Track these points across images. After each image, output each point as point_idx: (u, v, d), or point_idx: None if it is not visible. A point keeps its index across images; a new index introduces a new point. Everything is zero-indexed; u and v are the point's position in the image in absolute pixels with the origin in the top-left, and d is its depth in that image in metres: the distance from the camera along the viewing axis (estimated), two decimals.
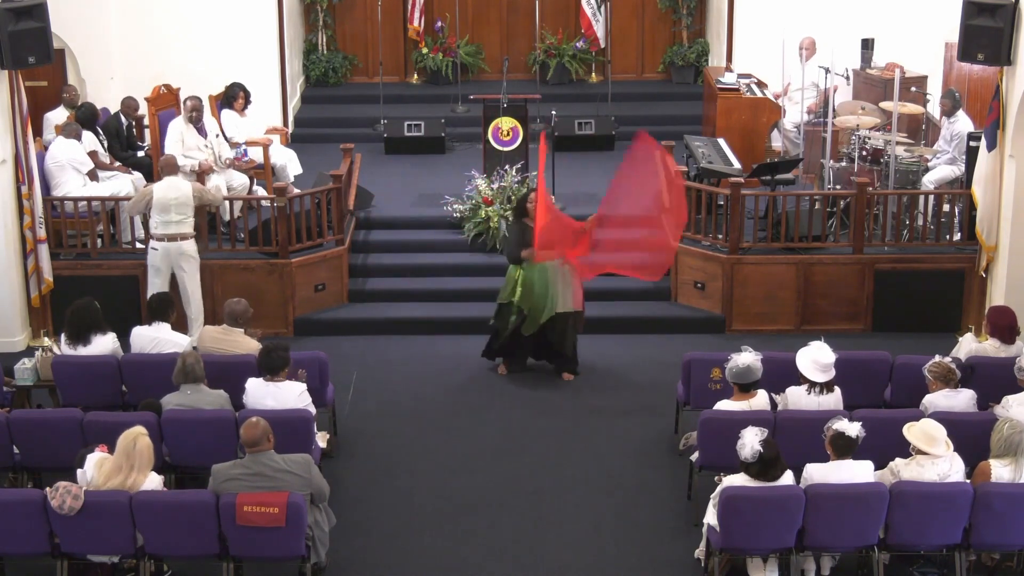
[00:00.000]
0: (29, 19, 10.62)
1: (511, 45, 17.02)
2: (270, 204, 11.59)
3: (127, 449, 7.33)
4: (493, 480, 9.08)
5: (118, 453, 7.36)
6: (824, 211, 11.76)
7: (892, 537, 7.51)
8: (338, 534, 8.03)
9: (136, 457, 7.32)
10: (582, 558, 8.12)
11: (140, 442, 7.34)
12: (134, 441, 7.33)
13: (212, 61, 14.60)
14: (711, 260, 11.61)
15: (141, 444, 7.34)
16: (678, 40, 16.92)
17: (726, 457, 7.72)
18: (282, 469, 7.38)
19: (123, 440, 7.34)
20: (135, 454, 7.32)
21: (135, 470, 7.33)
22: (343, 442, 9.62)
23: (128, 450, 7.33)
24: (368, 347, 11.38)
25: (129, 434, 7.35)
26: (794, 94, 13.62)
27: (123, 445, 7.34)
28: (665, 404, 9.97)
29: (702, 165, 12.29)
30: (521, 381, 10.62)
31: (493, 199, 12.33)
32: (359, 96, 16.37)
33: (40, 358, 9.44)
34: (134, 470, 7.33)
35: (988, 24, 10.54)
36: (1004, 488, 7.43)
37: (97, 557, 7.53)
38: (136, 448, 7.32)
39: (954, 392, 8.40)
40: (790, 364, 8.62)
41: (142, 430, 7.40)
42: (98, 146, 12.34)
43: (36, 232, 11.10)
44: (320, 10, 16.59)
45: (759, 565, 7.72)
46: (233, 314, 9.36)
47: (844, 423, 7.46)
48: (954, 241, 11.70)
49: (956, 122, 12.37)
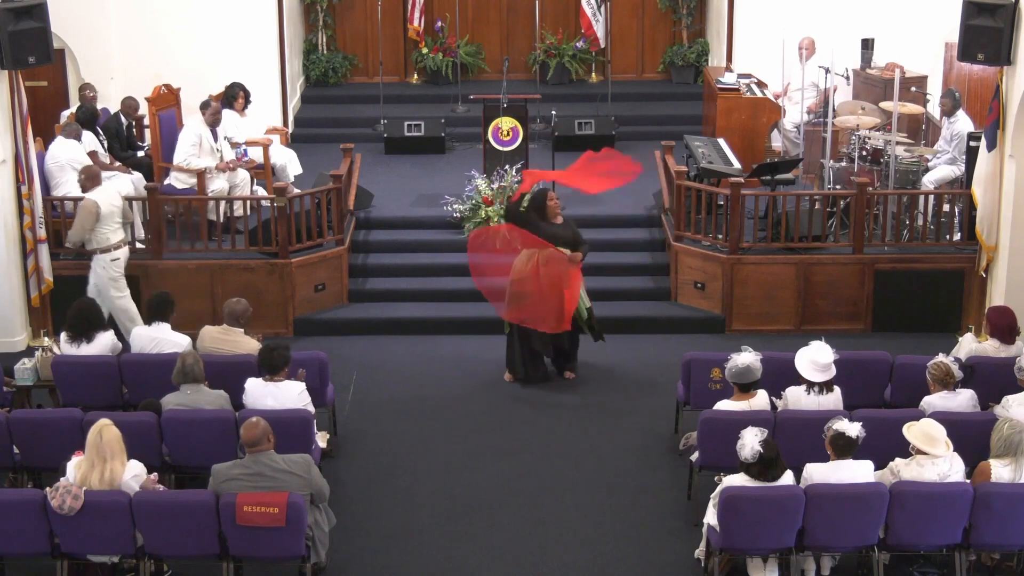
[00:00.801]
0: (29, 19, 10.62)
1: (511, 45, 17.02)
2: (270, 204, 11.60)
3: (94, 443, 7.35)
4: (493, 480, 9.09)
5: (88, 449, 7.38)
6: (824, 211, 11.76)
7: (892, 537, 7.51)
8: (338, 534, 8.03)
9: (105, 448, 7.34)
10: (582, 558, 8.12)
11: (106, 433, 7.35)
12: (99, 433, 7.35)
13: (212, 61, 14.60)
14: (711, 260, 11.62)
15: (108, 435, 7.35)
16: (678, 40, 16.92)
17: (726, 457, 7.72)
18: (282, 469, 7.38)
19: (90, 435, 7.37)
20: (103, 446, 7.34)
21: (107, 460, 7.34)
22: (343, 442, 9.62)
23: (96, 444, 7.35)
24: (368, 347, 11.38)
25: (95, 428, 7.38)
26: (794, 94, 13.61)
27: (91, 440, 7.37)
28: (665, 404, 9.98)
29: (702, 165, 12.29)
30: (521, 381, 10.62)
31: (493, 199, 12.33)
32: (359, 96, 16.38)
33: (40, 358, 9.44)
34: (106, 461, 7.34)
35: (988, 24, 10.54)
36: (1004, 488, 7.43)
37: (97, 557, 7.53)
38: (103, 440, 7.34)
39: (952, 394, 8.39)
40: (790, 364, 8.61)
41: (106, 421, 7.43)
42: (98, 146, 12.35)
43: (36, 232, 11.10)
44: (320, 10, 16.59)
45: (759, 565, 7.72)
46: (233, 314, 9.36)
47: (844, 423, 7.46)
48: (954, 241, 11.70)
49: (956, 122, 12.37)
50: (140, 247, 11.70)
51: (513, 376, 10.64)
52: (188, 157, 12.09)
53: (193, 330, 9.52)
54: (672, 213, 12.15)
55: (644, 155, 14.19)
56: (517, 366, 10.58)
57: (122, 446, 7.43)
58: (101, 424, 7.40)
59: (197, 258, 11.60)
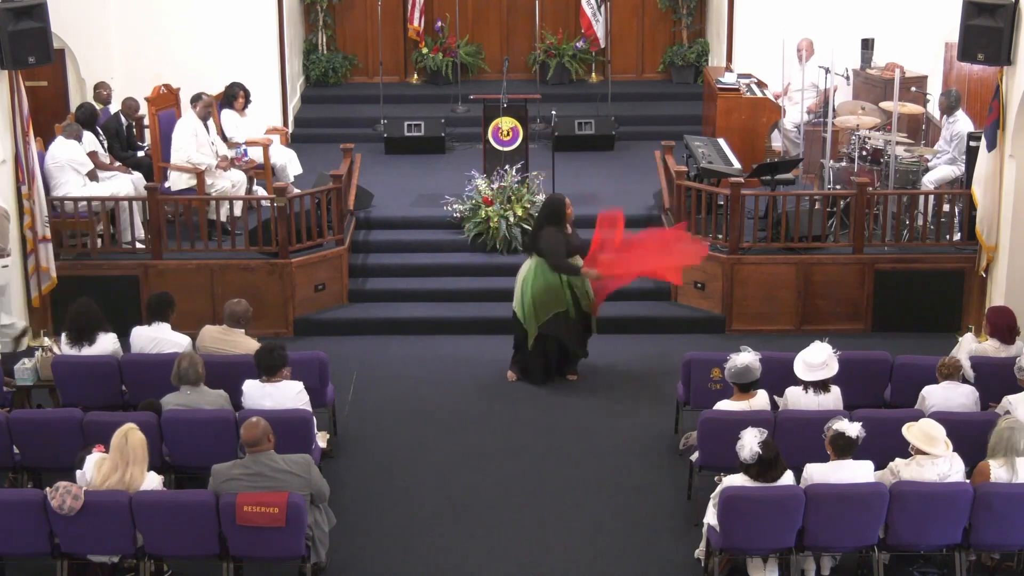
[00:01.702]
0: (29, 19, 10.62)
1: (511, 45, 17.02)
2: (270, 204, 11.60)
3: (120, 446, 7.35)
4: (493, 480, 9.08)
5: (112, 451, 7.38)
6: (824, 211, 11.76)
7: (892, 537, 7.51)
8: (338, 534, 8.03)
9: (130, 453, 7.34)
10: (582, 558, 8.12)
11: (132, 437, 7.35)
12: (125, 437, 7.35)
13: (212, 61, 14.60)
14: (711, 260, 11.60)
15: (133, 439, 7.35)
16: (678, 40, 16.91)
17: (726, 457, 7.72)
18: (282, 469, 7.38)
19: (116, 438, 7.36)
20: (128, 450, 7.34)
21: (131, 465, 7.34)
22: (343, 442, 9.62)
23: (121, 447, 7.35)
24: (368, 347, 11.38)
25: (120, 431, 7.37)
26: (794, 94, 13.62)
27: (116, 443, 7.36)
28: (665, 404, 9.98)
29: (702, 165, 12.29)
30: (521, 381, 10.62)
31: (493, 199, 12.33)
32: (359, 96, 16.37)
33: (40, 358, 9.43)
34: (129, 465, 7.34)
35: (988, 24, 10.54)
36: (1004, 488, 7.43)
37: (97, 557, 7.53)
38: (128, 444, 7.34)
39: (954, 385, 8.43)
40: (790, 364, 8.62)
41: (132, 425, 7.42)
42: (98, 146, 12.34)
43: (38, 231, 11.09)
44: (320, 10, 16.59)
45: (759, 565, 7.72)
46: (234, 315, 9.36)
47: (844, 423, 7.46)
48: (954, 241, 11.70)
49: (956, 122, 12.37)
50: (140, 247, 11.71)
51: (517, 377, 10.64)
52: (189, 153, 12.08)
53: (193, 330, 9.51)
54: (672, 213, 12.15)
55: (644, 155, 14.26)
56: (536, 375, 10.54)
57: (145, 453, 7.41)
58: (127, 428, 7.38)
59: (197, 258, 11.60)
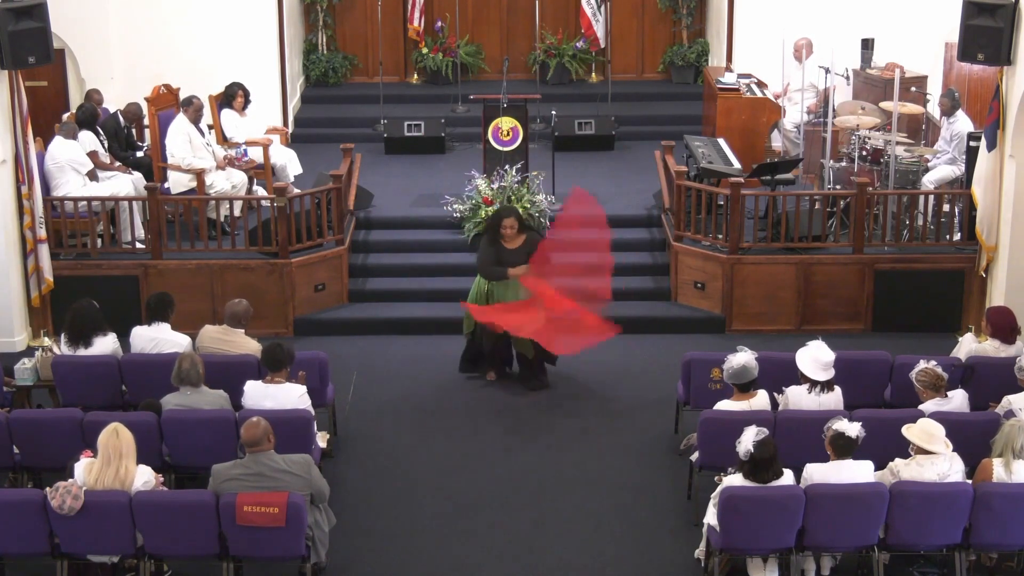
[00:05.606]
0: (29, 19, 10.63)
1: (511, 45, 17.02)
2: (270, 204, 11.60)
3: (109, 442, 7.35)
4: (493, 480, 9.09)
5: (102, 449, 7.37)
6: (824, 211, 11.76)
7: (892, 537, 7.52)
8: (338, 534, 8.03)
9: (122, 445, 7.35)
10: (582, 558, 8.12)
11: (121, 431, 7.37)
12: (115, 432, 7.35)
13: (212, 61, 14.60)
14: (711, 260, 11.61)
15: (123, 433, 7.37)
16: (678, 40, 16.91)
17: (726, 457, 7.72)
18: (282, 469, 7.38)
19: (102, 438, 7.37)
20: (119, 443, 7.35)
21: (123, 457, 7.34)
22: (343, 442, 9.62)
23: (111, 442, 7.35)
24: (368, 347, 11.38)
25: (109, 429, 7.38)
26: (794, 94, 13.62)
27: (103, 441, 7.36)
28: (665, 404, 9.98)
29: (702, 165, 12.29)
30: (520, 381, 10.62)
31: (493, 199, 12.32)
32: (359, 96, 16.37)
33: (40, 358, 9.44)
34: (123, 458, 7.34)
35: (988, 24, 10.54)
36: (1004, 488, 7.43)
37: (97, 557, 7.53)
38: (120, 437, 7.35)
39: (945, 400, 8.37)
40: (790, 364, 8.62)
41: (117, 424, 7.43)
42: (98, 146, 12.34)
43: (36, 232, 11.10)
44: (320, 10, 16.59)
45: (759, 565, 7.72)
46: (235, 315, 9.36)
47: (844, 423, 7.47)
48: (954, 241, 11.70)
49: (956, 122, 12.37)
50: (140, 247, 11.71)
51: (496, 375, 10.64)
52: (187, 157, 12.08)
53: (193, 330, 9.52)
54: (672, 213, 12.15)
55: (644, 155, 14.26)
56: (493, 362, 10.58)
57: (134, 449, 7.43)
58: (113, 427, 7.39)
59: (197, 258, 11.60)
